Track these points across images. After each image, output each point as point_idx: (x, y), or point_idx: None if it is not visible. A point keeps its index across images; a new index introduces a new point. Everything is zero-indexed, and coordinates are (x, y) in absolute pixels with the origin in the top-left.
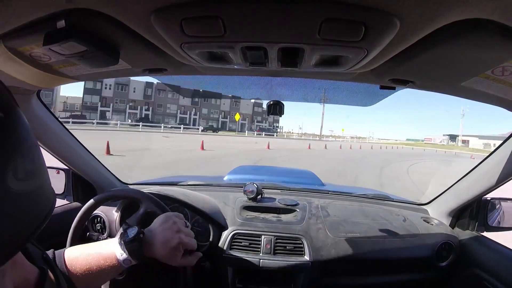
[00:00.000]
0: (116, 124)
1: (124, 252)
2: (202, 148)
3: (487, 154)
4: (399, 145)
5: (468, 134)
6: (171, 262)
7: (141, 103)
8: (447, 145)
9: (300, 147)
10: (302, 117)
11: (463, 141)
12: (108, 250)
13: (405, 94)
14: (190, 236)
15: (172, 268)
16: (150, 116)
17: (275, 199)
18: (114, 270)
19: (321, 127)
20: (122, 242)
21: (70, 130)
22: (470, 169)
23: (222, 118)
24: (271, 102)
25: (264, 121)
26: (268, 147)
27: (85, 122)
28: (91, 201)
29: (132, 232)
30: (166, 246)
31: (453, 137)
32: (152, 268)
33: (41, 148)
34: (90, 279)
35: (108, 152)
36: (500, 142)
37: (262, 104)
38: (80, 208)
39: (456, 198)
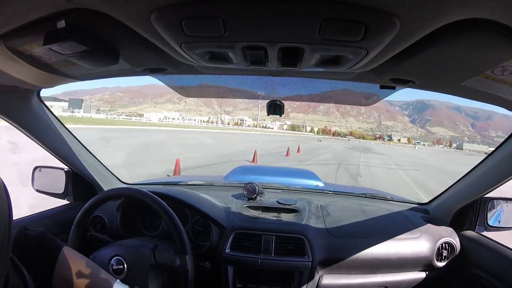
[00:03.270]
0: None
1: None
2: None
3: (487, 154)
4: None
5: None
6: None
7: None
8: None
9: None
10: None
11: None
12: None
13: None
14: None
15: (173, 269)
16: None
17: (275, 199)
18: None
19: None
20: None
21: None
22: (471, 169)
23: None
24: (277, 102)
25: None
26: None
27: None
28: (91, 201)
29: None
30: None
31: None
32: (152, 269)
33: (41, 148)
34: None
35: None
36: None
37: None
38: (80, 207)
39: (456, 198)
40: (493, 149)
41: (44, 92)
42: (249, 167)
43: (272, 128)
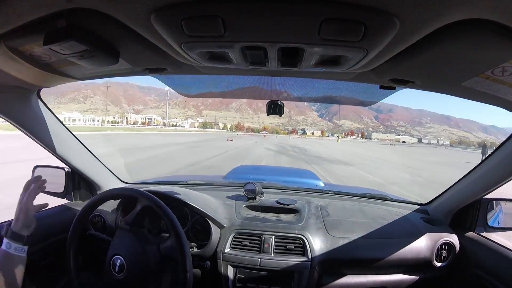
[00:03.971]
0: None
1: (5, 240)
2: None
3: (488, 154)
4: None
5: None
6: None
7: None
8: None
9: None
10: None
11: None
12: None
13: None
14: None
15: (173, 269)
16: None
17: (275, 199)
18: (10, 263)
19: None
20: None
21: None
22: (470, 170)
23: None
24: (278, 102)
25: None
26: None
27: None
28: (91, 200)
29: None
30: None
31: None
32: (152, 269)
33: (41, 148)
34: None
35: None
36: None
37: None
38: (80, 207)
39: (456, 198)
40: (398, 136)
41: (44, 92)
42: (249, 167)
43: (183, 127)
